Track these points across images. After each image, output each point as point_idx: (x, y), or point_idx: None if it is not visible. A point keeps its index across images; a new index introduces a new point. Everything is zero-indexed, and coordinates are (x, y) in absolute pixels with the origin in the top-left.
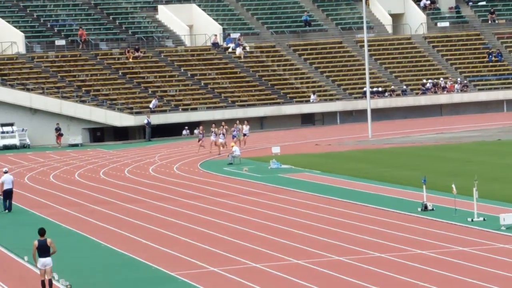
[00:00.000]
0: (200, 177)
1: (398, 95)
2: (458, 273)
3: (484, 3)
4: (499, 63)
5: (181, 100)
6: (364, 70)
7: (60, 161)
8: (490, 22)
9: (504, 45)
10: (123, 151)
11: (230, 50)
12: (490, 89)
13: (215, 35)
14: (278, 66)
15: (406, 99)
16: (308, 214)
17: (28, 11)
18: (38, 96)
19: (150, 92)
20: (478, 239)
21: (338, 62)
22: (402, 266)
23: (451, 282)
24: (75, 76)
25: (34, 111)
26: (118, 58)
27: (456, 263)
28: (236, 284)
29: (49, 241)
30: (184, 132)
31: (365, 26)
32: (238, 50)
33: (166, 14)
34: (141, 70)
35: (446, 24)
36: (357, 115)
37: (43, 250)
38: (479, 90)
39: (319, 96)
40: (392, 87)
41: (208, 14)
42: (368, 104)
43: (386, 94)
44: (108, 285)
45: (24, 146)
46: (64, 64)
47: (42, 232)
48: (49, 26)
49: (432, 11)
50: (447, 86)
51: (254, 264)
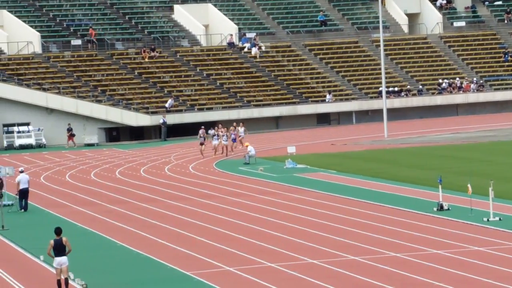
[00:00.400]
0: (215, 176)
1: (414, 95)
2: (474, 273)
3: (500, 3)
4: None
5: (196, 99)
6: (380, 69)
7: (76, 160)
8: (506, 21)
9: None
10: (139, 151)
11: (245, 49)
12: (506, 89)
13: (231, 35)
14: (294, 65)
15: (422, 99)
16: (323, 213)
17: (44, 11)
18: (54, 95)
19: (165, 91)
20: (494, 239)
21: (354, 62)
22: (418, 266)
23: (467, 282)
24: (91, 75)
25: (50, 111)
26: (134, 58)
27: (472, 263)
28: (251, 283)
29: (64, 239)
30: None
31: (381, 25)
32: (254, 50)
33: (182, 13)
34: (157, 70)
35: (462, 23)
36: (372, 115)
37: (59, 249)
38: (495, 90)
39: (335, 95)
40: (408, 87)
41: (223, 14)
42: (384, 103)
43: (402, 94)
44: (123, 284)
45: (40, 146)
46: (80, 63)
47: (58, 231)
48: (65, 25)
49: (448, 11)
50: (463, 86)
51: (269, 263)
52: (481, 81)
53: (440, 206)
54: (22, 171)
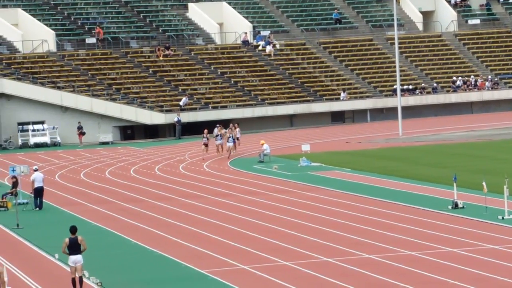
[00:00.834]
0: (230, 175)
1: (428, 93)
2: (489, 271)
3: None
4: None
5: (211, 98)
6: (394, 67)
7: (90, 159)
8: None
9: None
10: (154, 149)
11: (260, 48)
12: None
13: (245, 33)
14: (308, 63)
15: (436, 97)
16: (338, 212)
17: (58, 9)
18: (69, 94)
19: (180, 90)
20: (509, 237)
21: (369, 60)
22: (433, 264)
23: (482, 280)
24: (106, 74)
25: (65, 109)
26: (149, 56)
27: (486, 261)
28: (266, 281)
29: (80, 238)
30: (215, 131)
31: (395, 23)
32: (268, 48)
33: (196, 12)
34: (171, 68)
35: (476, 21)
36: (387, 113)
37: (74, 248)
38: (510, 87)
39: (349, 93)
40: (422, 85)
41: (238, 12)
42: (398, 101)
43: (417, 92)
44: (138, 282)
45: (54, 144)
46: (94, 62)
47: (73, 230)
48: (79, 24)
49: (462, 9)
50: (478, 83)
51: (284, 261)
52: (495, 78)
53: (455, 204)
54: (36, 170)
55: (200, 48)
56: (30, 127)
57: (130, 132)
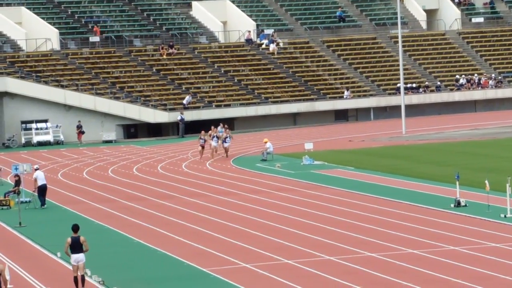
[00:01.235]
0: (233, 173)
1: (432, 91)
2: (492, 269)
3: None
4: None
5: (214, 96)
6: (398, 66)
7: (93, 157)
8: None
9: None
10: (157, 148)
11: (263, 46)
12: None
13: (249, 32)
14: (312, 62)
15: (440, 95)
16: (340, 210)
17: (62, 8)
18: (72, 92)
19: (183, 88)
20: (511, 235)
21: (372, 58)
22: (435, 262)
23: (485, 279)
24: (109, 72)
25: (68, 108)
26: (152, 55)
27: (489, 259)
28: (268, 280)
29: (82, 239)
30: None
31: (399, 22)
32: (272, 46)
33: (200, 10)
34: (175, 67)
35: (480, 19)
36: (391, 111)
37: (76, 247)
38: None
39: (353, 92)
40: (426, 83)
41: (242, 11)
42: (402, 100)
43: (420, 90)
44: (140, 281)
45: (58, 143)
46: (98, 60)
47: (75, 228)
48: (83, 22)
49: (466, 7)
50: (481, 82)
51: (286, 260)
52: (499, 77)
53: (457, 202)
54: (37, 169)
55: (203, 46)
56: (34, 126)
57: (134, 130)
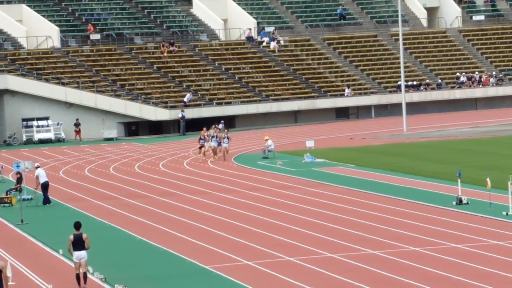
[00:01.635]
0: (234, 171)
1: (433, 89)
2: (493, 266)
3: None
4: None
5: (215, 94)
6: (399, 63)
7: (95, 155)
8: None
9: None
10: (158, 145)
11: (264, 44)
12: None
13: (250, 29)
14: (313, 60)
15: (441, 93)
16: (342, 208)
17: (63, 5)
18: (73, 90)
19: (184, 86)
20: None
21: (373, 56)
22: (437, 260)
23: (486, 276)
24: (110, 70)
25: (69, 105)
26: (153, 52)
27: (491, 257)
28: (270, 277)
29: (84, 236)
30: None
31: (400, 19)
32: (273, 44)
33: (200, 8)
34: (175, 64)
35: (481, 17)
36: (391, 109)
37: (79, 244)
38: None
39: (354, 90)
40: (427, 81)
41: (242, 8)
42: (403, 98)
43: (421, 88)
44: (142, 278)
45: (59, 140)
46: (99, 58)
47: (77, 225)
48: (84, 20)
49: (467, 5)
50: (482, 79)
51: (288, 257)
52: (500, 75)
53: (459, 200)
54: (38, 167)
55: (204, 44)
56: (35, 123)
57: (135, 128)
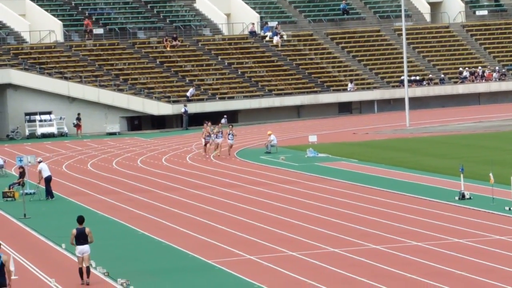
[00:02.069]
0: (237, 165)
1: (436, 84)
2: (496, 261)
3: None
4: None
5: (218, 89)
6: (402, 58)
7: (97, 149)
8: None
9: None
10: (161, 140)
11: (267, 38)
12: None
13: (253, 24)
14: (316, 54)
15: (444, 88)
16: (345, 203)
17: (66, 0)
18: (76, 84)
19: (187, 80)
20: None
21: (376, 51)
22: (440, 255)
23: (489, 271)
24: (113, 64)
25: (72, 100)
26: (156, 47)
27: (493, 252)
28: (272, 272)
29: (87, 230)
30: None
31: (403, 14)
32: (276, 39)
33: (203, 2)
34: (178, 59)
35: (484, 12)
36: (394, 104)
37: (82, 238)
38: None
39: (357, 84)
40: (430, 76)
41: (245, 3)
42: (406, 92)
43: (424, 83)
44: (145, 272)
45: (62, 135)
46: (102, 52)
47: (81, 220)
48: (87, 14)
49: (470, 0)
50: (485, 74)
51: (290, 252)
52: (503, 70)
53: (461, 195)
54: (40, 161)
55: (207, 38)
56: (37, 118)
57: (137, 122)
